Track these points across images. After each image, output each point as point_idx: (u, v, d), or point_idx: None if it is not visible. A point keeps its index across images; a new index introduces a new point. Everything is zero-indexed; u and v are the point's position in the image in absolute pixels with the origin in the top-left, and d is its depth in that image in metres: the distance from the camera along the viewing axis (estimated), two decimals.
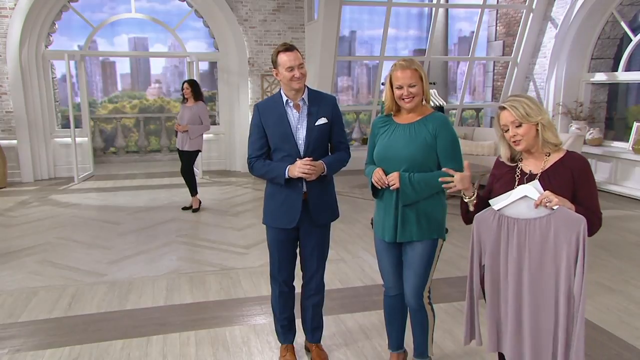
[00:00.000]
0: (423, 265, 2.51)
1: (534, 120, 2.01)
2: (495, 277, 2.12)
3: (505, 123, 2.06)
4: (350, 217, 6.13)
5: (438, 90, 7.50)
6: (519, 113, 2.01)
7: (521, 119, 2.01)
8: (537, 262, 1.99)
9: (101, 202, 7.17)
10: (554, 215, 1.93)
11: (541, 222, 1.96)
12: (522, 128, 2.02)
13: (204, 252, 5.01)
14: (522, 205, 1.99)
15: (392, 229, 2.50)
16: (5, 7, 8.13)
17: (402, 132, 2.46)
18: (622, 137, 8.05)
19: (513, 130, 2.04)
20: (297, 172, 2.57)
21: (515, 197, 2.00)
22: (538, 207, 1.95)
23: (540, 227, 1.96)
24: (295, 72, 2.58)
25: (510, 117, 2.03)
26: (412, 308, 2.60)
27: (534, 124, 2.02)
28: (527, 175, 2.08)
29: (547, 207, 1.94)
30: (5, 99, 8.41)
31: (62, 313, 3.66)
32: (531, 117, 2.01)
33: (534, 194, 1.96)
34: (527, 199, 1.98)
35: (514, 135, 2.04)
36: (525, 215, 1.99)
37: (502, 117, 2.07)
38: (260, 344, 3.21)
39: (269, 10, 9.18)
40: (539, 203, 1.94)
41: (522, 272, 2.03)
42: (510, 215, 2.03)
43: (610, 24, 8.10)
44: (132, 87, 30.14)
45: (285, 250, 2.81)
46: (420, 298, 2.56)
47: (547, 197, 1.92)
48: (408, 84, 2.37)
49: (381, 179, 2.44)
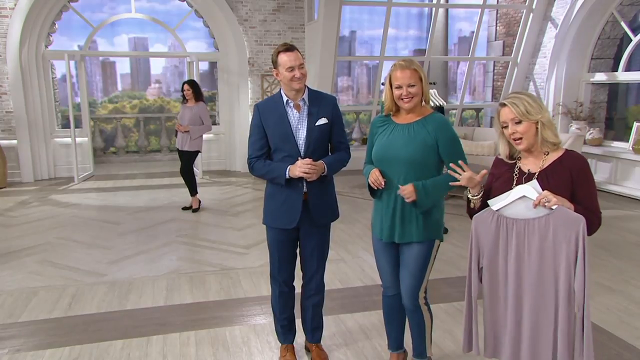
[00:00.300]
0: (419, 266, 2.51)
1: (534, 118, 1.99)
2: (494, 278, 2.11)
3: (504, 120, 2.04)
4: (350, 217, 6.13)
5: (438, 90, 7.49)
6: (519, 110, 1.99)
7: (521, 116, 1.99)
8: (537, 263, 1.97)
9: (101, 202, 7.17)
10: (552, 215, 1.92)
11: (540, 222, 1.95)
12: (521, 125, 2.00)
13: (204, 252, 5.01)
14: (521, 206, 1.98)
15: (389, 229, 2.51)
16: (5, 7, 8.13)
17: (401, 132, 2.46)
18: (622, 137, 8.05)
19: (512, 127, 2.01)
20: (298, 172, 2.57)
21: (514, 197, 1.99)
22: (537, 207, 1.94)
23: (539, 227, 1.95)
24: (296, 72, 2.57)
25: (510, 113, 2.01)
26: (408, 309, 2.60)
27: (533, 122, 1.99)
28: (526, 174, 2.06)
29: (546, 207, 1.92)
30: (5, 99, 8.41)
31: (62, 313, 3.66)
32: (531, 115, 1.99)
33: (532, 193, 1.94)
34: (525, 199, 1.97)
35: (513, 132, 2.01)
36: (524, 216, 1.98)
37: (502, 114, 2.05)
38: (260, 344, 3.21)
39: (269, 10, 9.18)
40: (537, 203, 1.93)
41: (522, 273, 2.01)
42: (509, 215, 2.01)
43: (610, 24, 8.10)
44: (132, 87, 30.15)
45: (285, 250, 2.81)
46: (416, 299, 2.56)
47: (546, 196, 1.91)
48: (407, 84, 2.37)
49: (377, 180, 2.44)
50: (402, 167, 2.43)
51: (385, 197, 2.51)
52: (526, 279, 2.01)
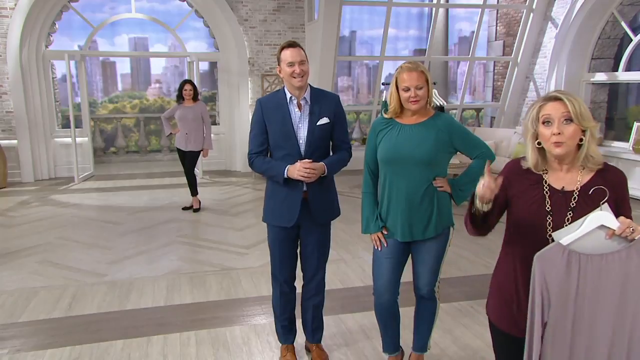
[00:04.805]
0: (437, 260, 2.58)
1: (586, 124, 1.65)
2: (563, 329, 1.64)
3: (550, 115, 1.66)
4: (350, 217, 6.12)
5: (438, 90, 7.50)
6: (574, 109, 1.64)
7: (575, 116, 1.64)
8: (617, 306, 1.60)
9: (101, 202, 7.17)
10: (635, 247, 1.55)
11: (620, 256, 1.57)
12: (570, 127, 1.64)
13: (204, 252, 5.01)
14: (594, 236, 1.58)
15: (408, 228, 2.50)
16: (6, 7, 8.13)
17: (411, 132, 2.46)
18: (622, 137, 8.05)
19: (559, 127, 1.64)
20: (297, 175, 2.56)
21: (589, 227, 1.58)
22: (612, 238, 1.56)
23: (620, 262, 1.57)
24: (295, 68, 2.57)
25: (564, 108, 1.64)
26: (425, 298, 2.66)
27: (582, 128, 1.66)
28: (561, 192, 1.72)
29: (628, 238, 1.55)
30: (5, 99, 8.42)
31: (62, 313, 3.66)
32: (584, 120, 1.65)
33: (612, 222, 1.56)
34: (598, 227, 1.58)
35: (558, 133, 1.64)
36: (599, 249, 1.58)
37: (548, 108, 1.67)
38: (260, 344, 3.21)
39: (269, 10, 9.18)
40: (619, 233, 1.55)
41: (598, 319, 1.61)
42: (582, 250, 1.59)
43: (611, 24, 8.10)
44: (133, 87, 30.14)
45: (285, 248, 2.80)
46: (433, 289, 2.64)
47: (630, 225, 1.54)
48: (415, 86, 2.39)
49: (378, 242, 2.58)
50: (414, 167, 2.43)
51: (397, 196, 2.49)
52: (605, 326, 1.61)
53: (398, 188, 2.47)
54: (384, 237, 2.56)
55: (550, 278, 1.61)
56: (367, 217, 2.60)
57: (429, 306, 2.69)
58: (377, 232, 2.56)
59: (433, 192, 2.47)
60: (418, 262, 2.60)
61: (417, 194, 2.45)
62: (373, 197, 2.61)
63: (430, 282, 2.61)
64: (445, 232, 2.56)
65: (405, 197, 2.47)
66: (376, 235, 2.57)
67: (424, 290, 2.63)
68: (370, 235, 2.61)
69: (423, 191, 2.46)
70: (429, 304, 2.68)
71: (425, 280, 2.61)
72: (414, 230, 2.50)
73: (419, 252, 2.57)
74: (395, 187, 2.48)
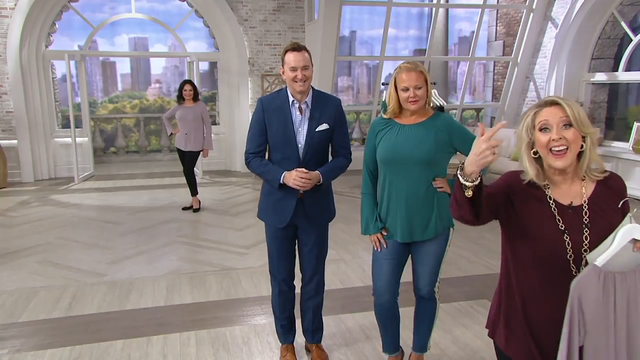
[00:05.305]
0: (437, 260, 2.58)
1: (585, 130, 1.56)
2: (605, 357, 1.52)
3: (547, 121, 1.56)
4: (350, 217, 6.13)
5: (438, 90, 7.49)
6: (573, 113, 1.55)
7: (574, 121, 1.54)
8: None
9: (101, 202, 7.17)
10: None
11: None
12: (570, 131, 1.54)
13: (204, 252, 5.01)
14: (625, 252, 1.47)
15: (408, 229, 2.49)
16: (6, 7, 8.13)
17: (410, 132, 2.45)
18: (622, 137, 8.04)
19: (558, 132, 1.54)
20: (292, 184, 2.56)
21: (621, 244, 1.46)
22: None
23: None
24: (298, 74, 2.55)
25: (562, 113, 1.55)
26: (425, 298, 2.66)
27: (582, 134, 1.56)
28: (570, 207, 1.59)
29: None
30: (5, 99, 8.41)
31: (62, 313, 3.66)
32: (583, 126, 1.55)
33: None
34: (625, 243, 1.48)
35: (559, 138, 1.53)
36: (629, 265, 1.49)
37: (545, 114, 1.57)
38: (260, 344, 3.21)
39: (269, 10, 9.18)
40: None
41: (634, 343, 1.51)
42: (615, 269, 1.48)
43: (611, 24, 8.09)
44: (133, 87, 30.19)
45: (283, 246, 2.79)
46: (433, 289, 2.65)
47: None
48: (414, 86, 2.38)
49: (378, 243, 2.58)
50: (413, 167, 2.43)
51: (396, 197, 2.49)
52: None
53: (397, 188, 2.47)
54: (383, 238, 2.56)
55: (587, 305, 1.49)
56: (366, 218, 2.60)
57: (428, 306, 2.69)
58: (377, 233, 2.56)
59: (433, 192, 2.47)
60: (418, 262, 2.60)
61: (416, 195, 2.45)
62: (372, 197, 2.61)
63: (430, 282, 2.61)
64: (445, 232, 2.55)
65: (404, 197, 2.46)
66: (376, 236, 2.57)
67: (423, 291, 2.64)
68: (370, 236, 2.61)
69: (423, 192, 2.45)
70: (429, 304, 2.69)
71: (425, 281, 2.61)
72: (414, 231, 2.49)
73: (418, 253, 2.57)
74: (395, 188, 2.48)
